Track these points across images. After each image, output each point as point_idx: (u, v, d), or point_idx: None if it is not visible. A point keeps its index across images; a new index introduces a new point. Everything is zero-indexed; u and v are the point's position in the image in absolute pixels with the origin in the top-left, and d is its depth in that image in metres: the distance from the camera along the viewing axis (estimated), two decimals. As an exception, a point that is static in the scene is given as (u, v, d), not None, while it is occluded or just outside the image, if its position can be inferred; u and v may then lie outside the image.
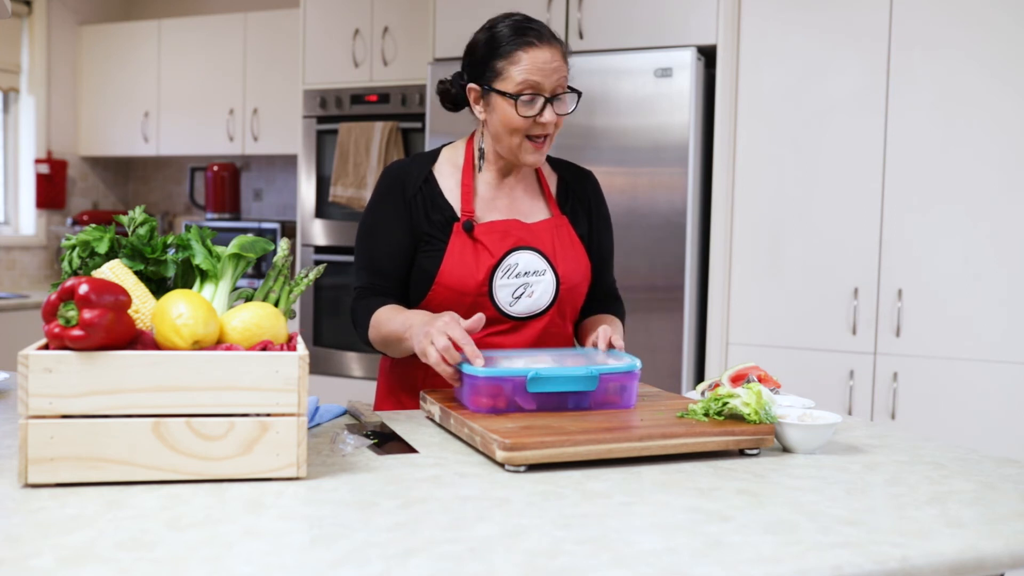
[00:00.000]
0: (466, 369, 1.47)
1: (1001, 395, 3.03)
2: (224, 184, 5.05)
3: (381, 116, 4.27)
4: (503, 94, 1.71)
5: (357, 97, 4.31)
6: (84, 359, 1.13)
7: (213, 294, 1.35)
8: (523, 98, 1.70)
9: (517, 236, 1.78)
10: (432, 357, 1.53)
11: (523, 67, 1.70)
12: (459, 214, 1.78)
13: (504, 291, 1.75)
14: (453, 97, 1.85)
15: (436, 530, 1.01)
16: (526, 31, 1.72)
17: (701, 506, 1.13)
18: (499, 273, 1.75)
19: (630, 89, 3.33)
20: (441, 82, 1.86)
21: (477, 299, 1.75)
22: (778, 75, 3.30)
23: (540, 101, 1.70)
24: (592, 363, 1.55)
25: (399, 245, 1.79)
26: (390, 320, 1.71)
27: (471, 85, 1.78)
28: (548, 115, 1.71)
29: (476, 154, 1.83)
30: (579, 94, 1.76)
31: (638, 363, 1.54)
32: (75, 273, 1.36)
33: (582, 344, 1.85)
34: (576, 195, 1.90)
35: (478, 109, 1.79)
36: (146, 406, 1.14)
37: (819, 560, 0.95)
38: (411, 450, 1.38)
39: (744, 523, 1.07)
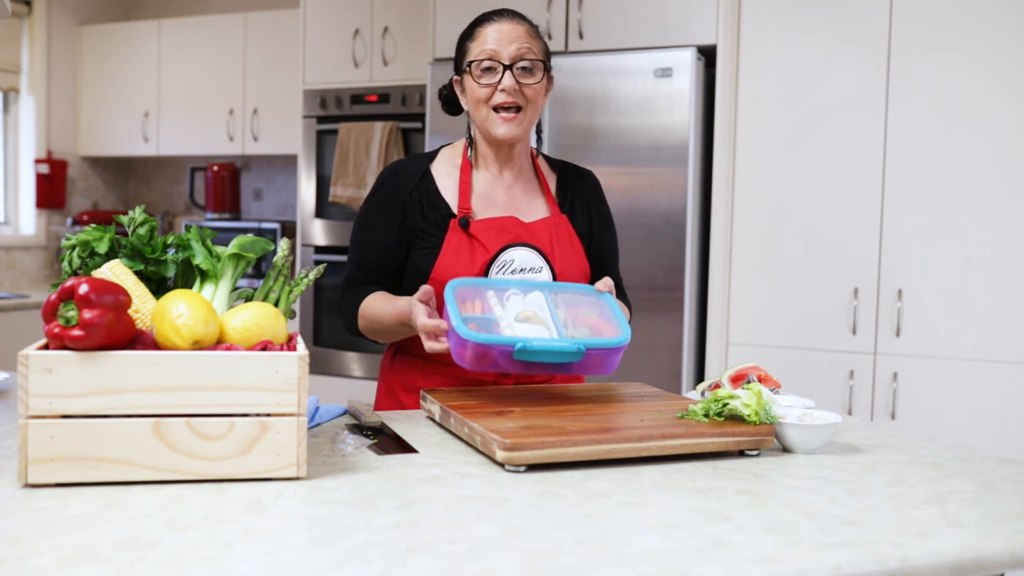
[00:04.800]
0: (459, 331, 1.47)
1: (1001, 395, 3.03)
2: (224, 184, 5.05)
3: (381, 116, 4.27)
4: (466, 69, 1.77)
5: (357, 97, 4.31)
6: (84, 359, 1.13)
7: (213, 294, 1.35)
8: (483, 65, 1.74)
9: (514, 233, 1.78)
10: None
11: (482, 40, 1.76)
12: (455, 211, 1.79)
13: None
14: (448, 98, 1.89)
15: (436, 530, 1.01)
16: (491, 13, 1.79)
17: (701, 506, 1.13)
18: (494, 269, 1.75)
19: (630, 89, 3.33)
20: (440, 89, 1.91)
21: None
22: (778, 75, 3.30)
23: (499, 69, 1.74)
24: (583, 322, 1.55)
25: (390, 242, 1.81)
26: (378, 315, 1.75)
27: (455, 78, 1.84)
28: (507, 81, 1.74)
29: (469, 147, 1.85)
30: (545, 64, 1.78)
31: (627, 337, 1.53)
32: (75, 273, 1.36)
33: None
34: (575, 194, 1.90)
35: (463, 100, 1.82)
36: (146, 406, 1.14)
37: (819, 560, 0.95)
38: (411, 450, 1.38)
39: (744, 523, 1.07)
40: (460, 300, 1.55)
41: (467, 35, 1.80)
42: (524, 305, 1.56)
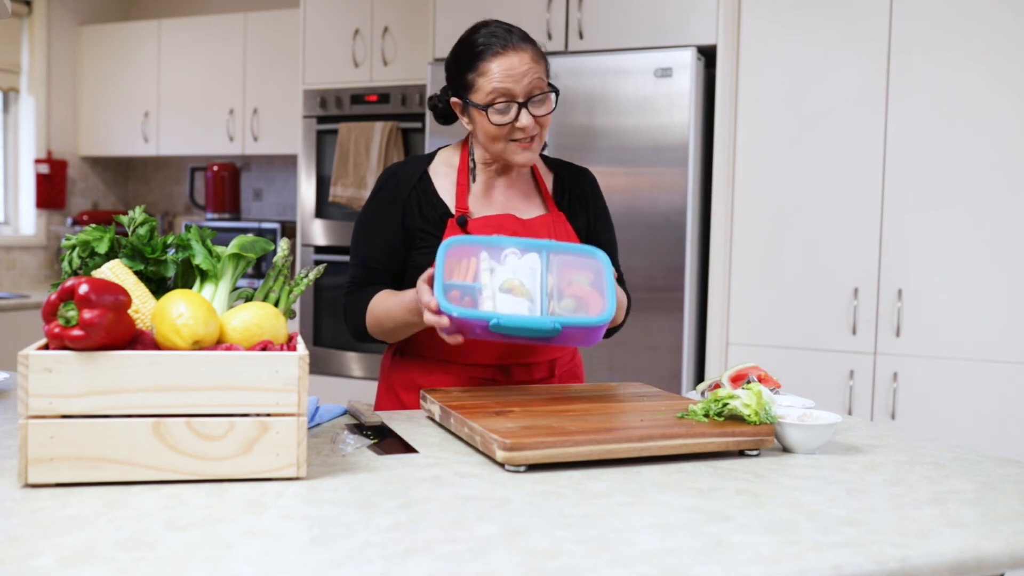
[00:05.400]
0: (443, 307, 1.48)
1: (1001, 395, 3.03)
2: (224, 184, 5.05)
3: (381, 116, 4.27)
4: (477, 106, 1.72)
5: (357, 97, 4.31)
6: (84, 359, 1.13)
7: (213, 294, 1.35)
8: (496, 107, 1.70)
9: (511, 230, 1.78)
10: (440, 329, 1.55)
11: (491, 77, 1.70)
12: (453, 211, 1.79)
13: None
14: (442, 112, 1.86)
15: (436, 530, 1.01)
16: (491, 40, 1.71)
17: (701, 506, 1.13)
18: None
19: (630, 89, 3.33)
20: (430, 99, 1.89)
21: None
22: (778, 75, 3.30)
23: (514, 107, 1.70)
24: (576, 284, 1.56)
25: (391, 244, 1.80)
26: (387, 311, 1.73)
27: (454, 99, 1.80)
28: (524, 119, 1.70)
29: (470, 163, 1.83)
30: (557, 92, 1.75)
31: (608, 316, 1.51)
32: (75, 273, 1.36)
33: None
34: (572, 191, 1.90)
35: (464, 120, 1.80)
36: (146, 406, 1.14)
37: (819, 560, 0.95)
38: (411, 450, 1.38)
39: (744, 523, 1.07)
40: (455, 259, 1.54)
41: (469, 65, 1.73)
42: (515, 272, 1.55)
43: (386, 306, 1.73)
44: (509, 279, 1.55)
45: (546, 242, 1.60)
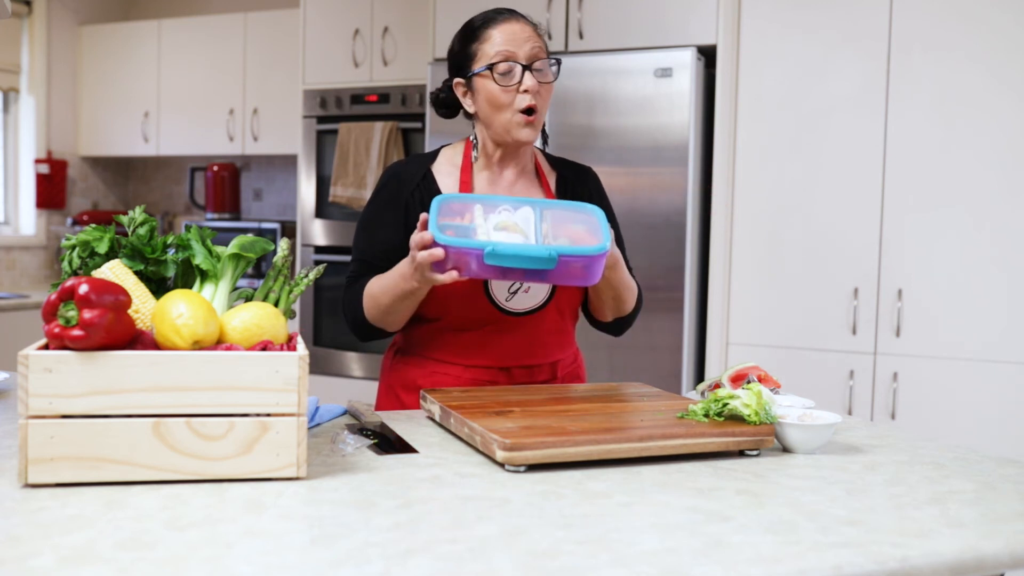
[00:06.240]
0: (435, 236, 1.49)
1: (1001, 395, 3.03)
2: (224, 184, 5.05)
3: (381, 116, 4.27)
4: (481, 72, 1.75)
5: (357, 97, 4.31)
6: (84, 359, 1.13)
7: (213, 294, 1.35)
8: (501, 67, 1.73)
9: None
10: (432, 276, 1.54)
11: (494, 42, 1.74)
12: None
13: (500, 285, 1.76)
14: (444, 101, 1.87)
15: (436, 530, 1.01)
16: (493, 14, 1.78)
17: (701, 506, 1.13)
18: None
19: (630, 89, 3.33)
20: (432, 92, 1.90)
21: (472, 293, 1.75)
22: (778, 75, 3.31)
23: (518, 69, 1.73)
24: (564, 232, 1.55)
25: (393, 242, 1.80)
26: (382, 285, 1.72)
27: (456, 81, 1.81)
28: (528, 81, 1.73)
29: (474, 148, 1.84)
30: (558, 62, 1.79)
31: (606, 245, 1.51)
32: (75, 273, 1.36)
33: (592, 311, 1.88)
34: (576, 191, 1.90)
35: (467, 103, 1.81)
36: (146, 406, 1.14)
37: (819, 560, 0.95)
38: (411, 450, 1.38)
39: (744, 523, 1.07)
40: (452, 214, 1.55)
41: (471, 37, 1.78)
42: (508, 216, 1.56)
43: (381, 282, 1.73)
44: (503, 220, 1.55)
45: (539, 200, 1.62)
